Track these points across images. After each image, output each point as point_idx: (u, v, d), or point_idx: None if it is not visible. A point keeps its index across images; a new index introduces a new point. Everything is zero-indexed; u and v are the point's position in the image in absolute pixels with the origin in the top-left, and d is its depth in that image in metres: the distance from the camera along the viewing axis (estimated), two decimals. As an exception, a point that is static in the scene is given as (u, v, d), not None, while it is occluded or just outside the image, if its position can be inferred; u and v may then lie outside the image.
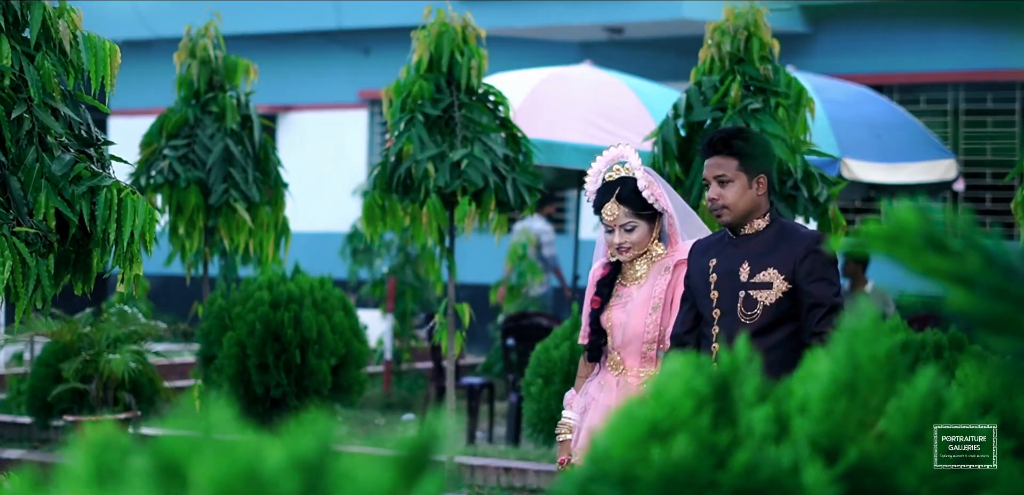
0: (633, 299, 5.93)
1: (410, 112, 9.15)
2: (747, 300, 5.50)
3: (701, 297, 5.63)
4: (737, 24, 8.48)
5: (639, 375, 5.93)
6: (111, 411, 9.94)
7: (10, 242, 5.54)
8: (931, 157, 14.05)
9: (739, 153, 5.56)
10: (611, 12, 18.55)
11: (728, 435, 2.40)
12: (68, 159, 5.73)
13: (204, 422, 1.68)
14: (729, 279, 5.56)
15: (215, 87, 10.30)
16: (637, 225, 5.87)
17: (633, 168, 5.90)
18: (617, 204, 5.86)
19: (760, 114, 8.23)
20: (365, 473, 1.75)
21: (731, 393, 2.45)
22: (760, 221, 5.59)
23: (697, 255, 5.71)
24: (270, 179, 10.34)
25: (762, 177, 5.58)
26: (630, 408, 2.49)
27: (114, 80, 5.89)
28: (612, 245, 5.92)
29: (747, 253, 5.55)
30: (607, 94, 12.79)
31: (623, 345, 5.94)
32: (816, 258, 5.45)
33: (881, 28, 19.05)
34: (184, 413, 1.72)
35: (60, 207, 5.64)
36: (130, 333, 9.96)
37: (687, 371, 2.43)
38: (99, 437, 1.67)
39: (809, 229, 5.64)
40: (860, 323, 2.43)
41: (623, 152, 5.94)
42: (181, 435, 1.66)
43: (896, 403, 2.38)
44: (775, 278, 5.46)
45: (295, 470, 1.71)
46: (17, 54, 5.73)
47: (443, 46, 9.21)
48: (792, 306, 5.46)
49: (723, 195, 5.56)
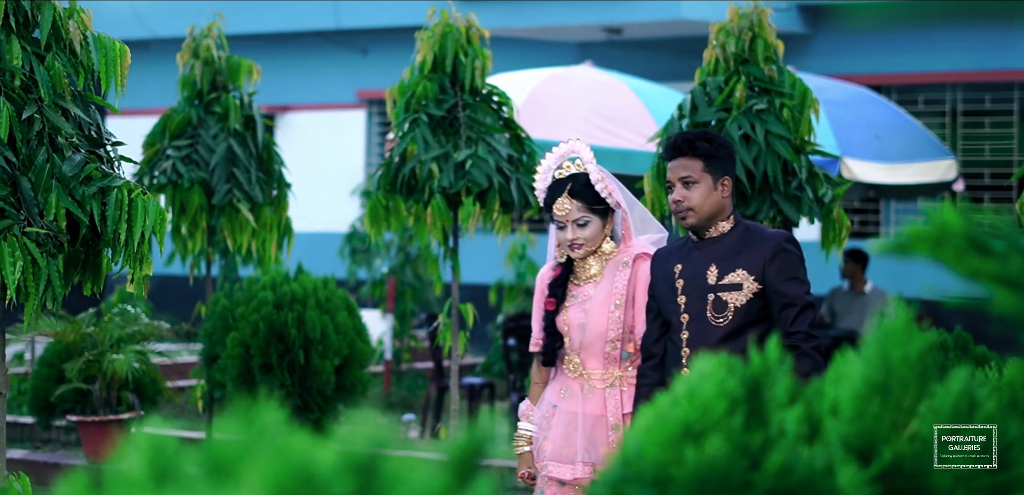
0: (591, 298, 5.80)
1: (414, 112, 9.15)
2: (717, 303, 5.43)
3: (668, 304, 5.54)
4: (742, 25, 8.49)
5: (603, 379, 5.79)
6: (114, 411, 9.94)
7: (21, 242, 5.53)
8: (931, 157, 14.06)
9: (704, 155, 5.50)
10: (610, 12, 18.56)
11: (760, 436, 2.41)
12: (79, 159, 5.72)
13: (256, 424, 1.68)
14: (697, 283, 5.48)
15: (218, 87, 10.30)
16: (590, 220, 5.77)
17: (585, 162, 5.81)
18: (569, 199, 5.75)
19: (765, 114, 8.24)
20: (417, 475, 1.75)
21: (762, 394, 2.45)
22: (725, 223, 5.52)
23: (660, 262, 5.63)
24: (273, 179, 10.34)
25: (726, 179, 5.51)
26: (662, 409, 2.49)
27: (124, 81, 5.89)
28: (564, 242, 5.79)
29: (713, 256, 5.48)
30: (608, 94, 12.80)
31: (583, 347, 5.80)
32: (786, 257, 5.39)
33: (879, 29, 19.06)
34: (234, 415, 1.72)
35: (71, 208, 5.64)
36: (133, 333, 9.96)
37: (720, 372, 2.43)
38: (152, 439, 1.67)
39: (775, 229, 5.57)
40: (892, 324, 2.43)
41: (575, 147, 5.85)
42: (233, 437, 1.66)
43: (929, 404, 2.39)
44: (745, 279, 5.40)
45: (348, 471, 1.72)
46: (27, 54, 5.72)
47: (447, 47, 9.22)
48: (763, 307, 5.40)
49: (688, 197, 5.49)
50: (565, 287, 5.86)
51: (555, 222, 5.80)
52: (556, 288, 5.86)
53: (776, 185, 8.20)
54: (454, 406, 9.48)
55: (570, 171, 5.79)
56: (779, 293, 5.35)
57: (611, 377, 5.77)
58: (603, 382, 5.77)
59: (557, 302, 5.84)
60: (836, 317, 15.10)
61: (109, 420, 9.79)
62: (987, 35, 18.44)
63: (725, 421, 2.40)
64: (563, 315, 5.83)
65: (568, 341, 5.82)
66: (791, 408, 2.45)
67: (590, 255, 5.81)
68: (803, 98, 8.43)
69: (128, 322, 9.96)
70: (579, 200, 5.76)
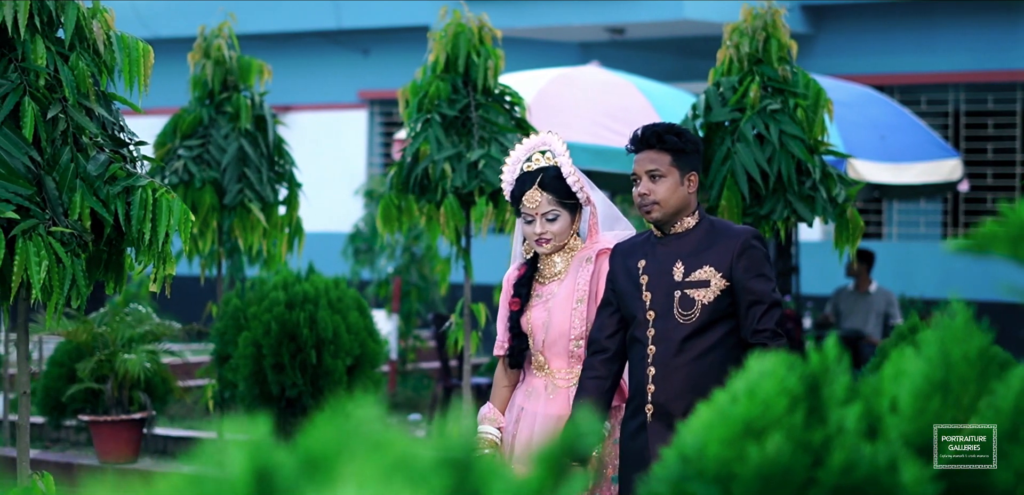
0: (555, 295, 5.68)
1: (427, 112, 9.16)
2: (684, 300, 5.33)
3: (631, 300, 5.40)
4: (755, 25, 8.50)
5: (567, 377, 5.66)
6: (126, 411, 9.95)
7: (46, 242, 5.54)
8: (936, 157, 14.08)
9: (673, 148, 5.38)
10: (613, 12, 18.57)
11: (820, 433, 2.42)
12: (103, 159, 5.73)
13: (353, 420, 1.70)
14: (662, 280, 5.37)
15: (229, 87, 10.31)
16: (560, 215, 5.64)
17: (557, 154, 5.67)
18: (540, 191, 5.62)
19: (779, 114, 8.25)
20: (511, 471, 1.76)
21: (821, 392, 2.47)
22: (689, 219, 5.40)
23: (620, 256, 5.49)
24: (284, 179, 10.35)
25: (693, 175, 5.40)
26: (721, 406, 2.51)
27: (147, 80, 5.90)
28: (531, 235, 5.66)
29: (679, 252, 5.38)
30: (615, 94, 12.82)
31: (547, 345, 5.67)
32: (753, 254, 5.32)
33: (882, 29, 19.09)
34: (333, 412, 1.73)
35: (95, 207, 5.65)
36: (145, 333, 9.97)
37: (780, 370, 2.45)
38: (250, 440, 1.69)
39: (741, 226, 5.48)
40: (952, 322, 2.45)
41: (546, 139, 5.73)
42: (330, 433, 1.67)
43: (989, 401, 2.41)
44: (712, 276, 5.32)
45: (445, 467, 1.73)
46: (52, 54, 5.73)
47: (460, 47, 9.22)
48: (729, 304, 5.32)
49: (654, 190, 5.36)
50: (530, 286, 5.75)
51: (523, 215, 5.68)
52: (521, 288, 5.76)
53: (790, 185, 8.21)
54: (467, 405, 9.50)
55: (540, 163, 5.67)
56: (746, 290, 5.29)
57: (575, 376, 5.64)
58: (567, 381, 5.66)
59: (522, 302, 5.73)
60: (841, 317, 15.13)
61: (121, 420, 9.80)
62: (990, 36, 18.46)
63: (786, 418, 2.42)
64: (527, 315, 5.72)
65: (532, 341, 5.71)
66: (850, 406, 2.46)
67: (557, 251, 5.69)
68: (817, 98, 8.44)
69: (139, 322, 9.97)
70: (549, 193, 5.63)
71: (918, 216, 19.47)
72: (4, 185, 5.54)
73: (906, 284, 18.03)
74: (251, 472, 1.69)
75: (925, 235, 19.41)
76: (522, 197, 5.65)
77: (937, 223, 19.44)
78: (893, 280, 17.76)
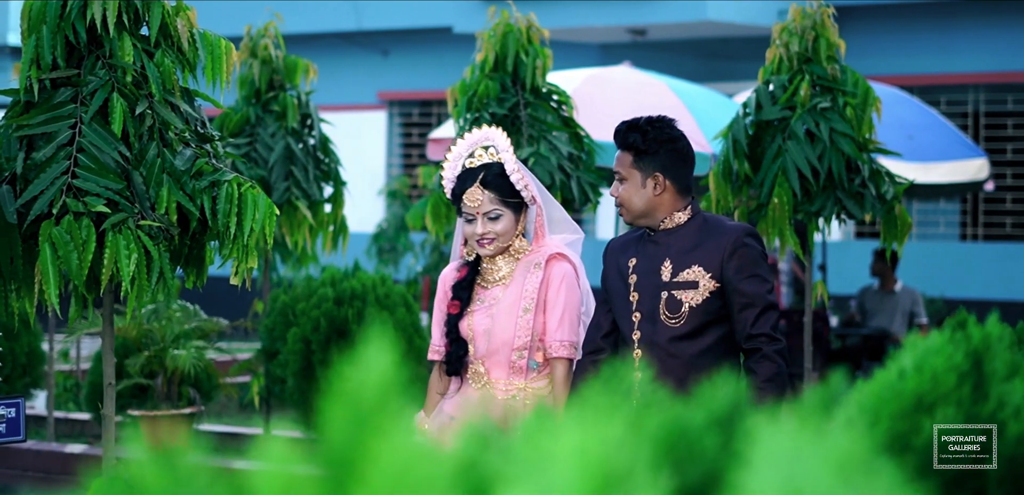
0: (499, 301, 5.34)
1: (476, 111, 9.27)
2: (670, 302, 5.02)
3: (619, 299, 5.11)
4: (804, 24, 8.61)
5: (506, 390, 5.31)
6: (175, 406, 10.06)
7: (135, 235, 5.65)
8: (963, 157, 14.20)
9: (633, 149, 5.12)
10: (635, 13, 18.68)
11: (986, 408, 2.53)
12: (189, 154, 5.84)
13: (623, 384, 1.81)
14: (650, 280, 5.07)
15: (275, 86, 10.42)
16: (502, 214, 5.32)
17: (501, 150, 5.35)
18: (481, 189, 5.30)
19: (829, 112, 8.37)
20: (774, 428, 1.87)
21: (984, 368, 2.58)
22: (680, 214, 5.07)
23: (614, 253, 5.21)
24: (330, 177, 10.47)
25: (658, 176, 5.05)
26: (890, 383, 2.62)
27: (229, 77, 6.01)
28: (473, 235, 5.34)
29: (668, 250, 5.06)
30: (648, 94, 12.91)
31: (488, 354, 5.32)
32: (746, 253, 4.99)
33: (901, 30, 19.20)
34: (598, 378, 1.84)
35: (182, 201, 5.75)
36: (193, 329, 10.08)
37: (947, 347, 2.56)
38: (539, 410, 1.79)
39: (735, 223, 5.15)
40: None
41: (490, 134, 5.39)
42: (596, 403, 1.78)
43: None
44: (701, 277, 5.00)
45: (715, 426, 1.83)
46: (138, 51, 5.84)
47: (508, 46, 9.34)
48: (722, 307, 5.00)
49: (618, 192, 5.10)
50: (471, 290, 5.42)
51: (463, 214, 5.37)
52: (461, 290, 5.41)
53: (840, 182, 8.32)
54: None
55: (483, 160, 5.36)
56: (738, 292, 4.97)
57: (513, 389, 5.32)
58: (504, 394, 5.32)
59: (461, 305, 5.39)
60: (866, 316, 15.24)
61: (171, 414, 9.90)
62: (1009, 36, 18.58)
63: (955, 392, 2.53)
64: (467, 320, 5.37)
65: (472, 348, 5.35)
66: (1013, 380, 2.58)
67: (500, 253, 5.38)
68: (865, 97, 8.56)
69: (188, 318, 10.08)
70: (492, 191, 5.31)
71: (938, 216, 19.58)
72: (95, 179, 5.65)
73: (925, 283, 18.13)
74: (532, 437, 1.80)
75: (944, 235, 19.52)
76: (463, 195, 5.34)
77: (956, 223, 19.55)
78: (912, 279, 17.86)
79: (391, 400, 1.24)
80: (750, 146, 8.51)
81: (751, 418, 1.88)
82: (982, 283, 18.39)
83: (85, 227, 5.61)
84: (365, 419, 1.22)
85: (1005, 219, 19.01)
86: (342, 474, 1.17)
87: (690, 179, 5.13)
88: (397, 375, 1.26)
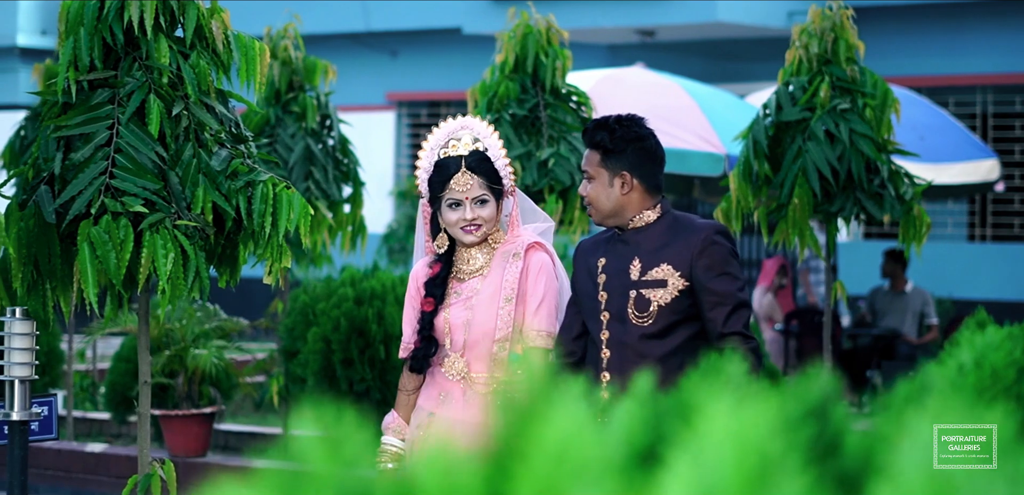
0: (479, 293, 5.26)
1: (497, 112, 9.34)
2: (639, 301, 4.95)
3: (588, 300, 5.06)
4: (824, 26, 8.68)
5: (488, 384, 5.21)
6: (196, 405, 10.12)
7: (172, 234, 5.71)
8: (974, 158, 14.27)
9: (600, 146, 5.04)
10: (644, 14, 18.74)
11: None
12: (225, 155, 5.90)
13: (721, 377, 1.87)
14: (619, 279, 5.01)
15: (295, 87, 10.49)
16: (489, 199, 5.26)
17: (484, 136, 5.32)
18: (470, 174, 5.25)
19: (849, 113, 8.44)
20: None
21: (1041, 363, 2.65)
22: (650, 213, 5.01)
23: (583, 254, 5.16)
24: (349, 177, 10.54)
25: (626, 175, 5.00)
26: (950, 377, 2.69)
27: (263, 79, 6.07)
28: (459, 222, 5.23)
29: (637, 249, 5.00)
30: (662, 95, 13.00)
31: (469, 347, 5.24)
32: (715, 251, 4.92)
33: (909, 32, 19.27)
34: (699, 372, 1.90)
35: (218, 201, 5.81)
36: (214, 329, 10.14)
37: (1007, 343, 2.63)
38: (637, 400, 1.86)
39: (706, 220, 5.07)
40: None
41: (468, 123, 5.35)
42: (689, 395, 1.85)
43: None
44: (670, 275, 4.94)
45: (809, 417, 1.90)
46: (174, 53, 5.90)
47: (528, 47, 9.41)
48: (691, 305, 4.94)
49: (586, 191, 5.07)
50: (445, 286, 5.34)
51: (446, 201, 5.26)
52: (435, 288, 5.33)
53: (860, 183, 8.40)
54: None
55: (461, 148, 5.30)
56: (708, 291, 4.91)
57: (496, 382, 5.20)
58: (487, 387, 5.23)
59: (436, 302, 5.30)
60: (877, 316, 15.31)
61: (192, 414, 9.97)
62: (1018, 38, 18.64)
63: (1015, 387, 2.60)
64: (444, 314, 5.29)
65: (449, 342, 5.28)
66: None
67: (477, 245, 5.31)
68: (884, 98, 8.63)
69: (208, 318, 10.15)
70: (479, 176, 5.26)
71: (946, 217, 19.64)
72: (132, 179, 5.71)
73: (933, 284, 18.20)
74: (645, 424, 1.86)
75: (952, 236, 19.59)
76: (449, 181, 5.25)
77: (964, 223, 19.62)
78: (920, 280, 17.93)
79: (548, 387, 1.31)
80: (770, 147, 8.58)
81: (841, 409, 1.94)
82: (990, 284, 18.46)
83: (123, 227, 5.67)
84: (525, 407, 1.29)
85: (1013, 220, 19.08)
86: (506, 459, 1.23)
87: (659, 178, 5.08)
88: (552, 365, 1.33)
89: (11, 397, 5.99)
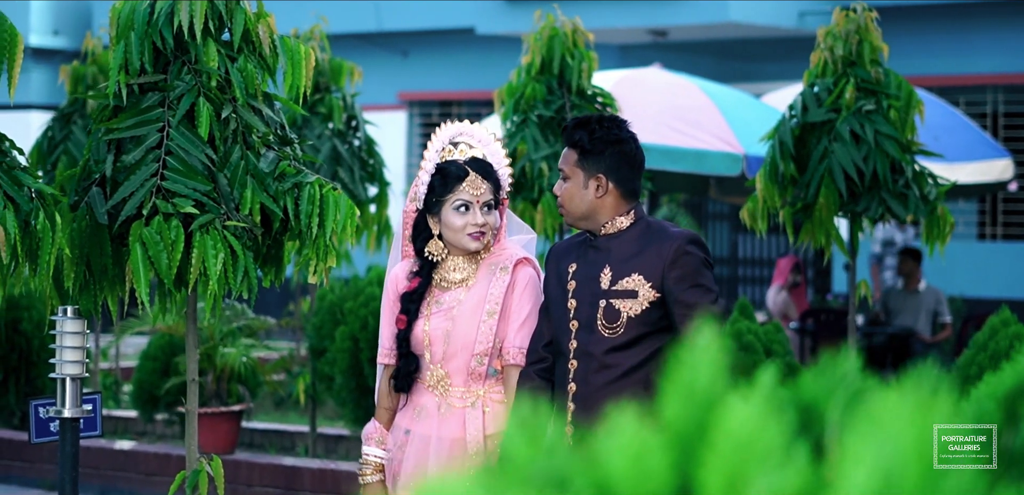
0: (462, 304, 5.09)
1: (524, 113, 9.46)
2: (608, 311, 4.81)
3: (557, 307, 4.91)
4: (848, 28, 8.79)
5: (464, 397, 5.07)
6: (224, 403, 10.23)
7: (222, 235, 5.82)
8: (988, 157, 14.38)
9: (578, 147, 4.91)
10: (656, 14, 18.85)
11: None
12: (273, 157, 6.01)
13: (839, 371, 1.98)
14: (589, 287, 4.85)
15: (321, 88, 10.60)
16: (494, 207, 5.11)
17: (485, 143, 5.17)
18: (480, 178, 5.08)
19: (874, 115, 8.55)
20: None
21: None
22: (623, 219, 4.87)
23: (555, 259, 5.02)
24: (375, 177, 10.65)
25: (601, 178, 4.86)
26: (1021, 373, 2.79)
27: (309, 83, 6.18)
28: (468, 227, 5.05)
29: (609, 257, 4.85)
30: (680, 95, 13.10)
31: (447, 358, 5.08)
32: (687, 262, 4.77)
33: (919, 31, 19.37)
34: (817, 366, 2.01)
35: (266, 203, 5.92)
36: (242, 327, 10.25)
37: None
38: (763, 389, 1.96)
39: (678, 229, 4.91)
40: None
41: (468, 129, 5.21)
42: (816, 382, 1.95)
43: None
44: (640, 286, 4.79)
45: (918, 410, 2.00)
46: (222, 57, 6.01)
47: (554, 49, 9.52)
48: (663, 316, 4.80)
49: (559, 190, 4.97)
50: (420, 302, 5.16)
51: (456, 205, 5.07)
52: (409, 303, 5.18)
53: (885, 183, 8.51)
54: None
55: (467, 153, 5.15)
56: (680, 303, 4.76)
57: (473, 395, 5.07)
58: (463, 401, 5.08)
59: (409, 319, 5.16)
60: (891, 315, 15.41)
61: (220, 412, 10.07)
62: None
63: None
64: (423, 325, 5.13)
65: (429, 354, 5.11)
66: None
67: (460, 255, 5.15)
68: (908, 99, 8.75)
69: (236, 316, 10.26)
70: (490, 181, 5.10)
71: (956, 215, 19.74)
72: (183, 181, 5.82)
73: (944, 283, 18.31)
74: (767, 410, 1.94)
75: (962, 234, 19.69)
76: (457, 185, 5.08)
77: (974, 223, 19.73)
78: (931, 279, 18.04)
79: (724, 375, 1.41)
80: (796, 147, 8.69)
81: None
82: (1001, 282, 18.57)
83: (174, 228, 5.78)
84: (703, 394, 1.39)
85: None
86: (688, 444, 1.34)
87: (636, 183, 4.94)
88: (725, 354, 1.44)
89: (62, 394, 6.11)
